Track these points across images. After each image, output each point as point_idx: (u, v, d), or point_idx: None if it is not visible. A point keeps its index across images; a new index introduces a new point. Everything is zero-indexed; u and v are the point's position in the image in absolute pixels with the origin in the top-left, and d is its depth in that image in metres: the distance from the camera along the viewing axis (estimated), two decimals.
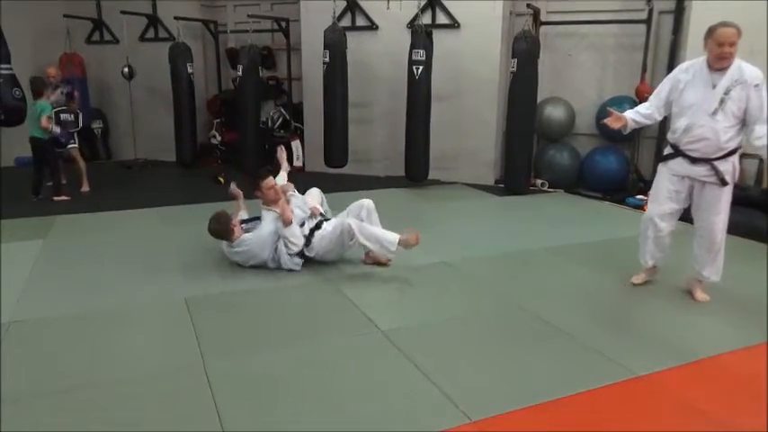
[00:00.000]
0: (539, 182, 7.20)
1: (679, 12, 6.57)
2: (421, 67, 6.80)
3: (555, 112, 7.20)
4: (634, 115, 3.67)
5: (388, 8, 7.35)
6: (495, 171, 7.54)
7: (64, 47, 8.59)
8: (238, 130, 8.17)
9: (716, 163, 3.40)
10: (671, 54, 6.63)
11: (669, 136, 3.61)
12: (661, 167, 3.67)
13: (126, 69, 8.41)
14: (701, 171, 3.45)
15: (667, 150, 3.62)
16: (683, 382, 2.74)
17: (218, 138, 8.82)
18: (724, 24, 3.29)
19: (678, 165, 3.53)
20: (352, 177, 7.46)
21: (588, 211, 6.27)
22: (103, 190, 6.96)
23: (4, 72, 6.90)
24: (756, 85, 3.26)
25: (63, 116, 6.60)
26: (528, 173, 7.10)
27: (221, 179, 7.42)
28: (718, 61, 3.31)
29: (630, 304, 3.71)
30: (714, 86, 3.32)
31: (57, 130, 6.36)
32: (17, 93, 6.94)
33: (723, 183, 3.42)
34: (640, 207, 5.95)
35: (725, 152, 3.38)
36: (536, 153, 7.34)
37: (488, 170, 7.48)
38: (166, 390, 2.64)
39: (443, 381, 2.70)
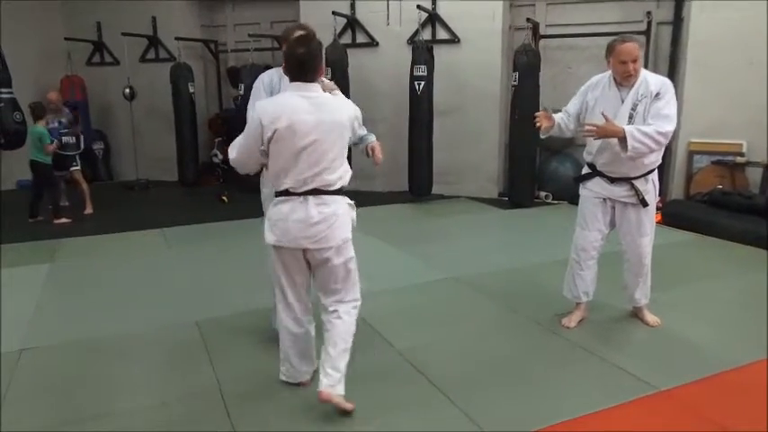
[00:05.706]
0: (542, 194, 7.19)
1: (677, 23, 6.63)
2: (423, 83, 6.85)
3: None
4: (560, 120, 3.46)
5: (387, 24, 7.42)
6: (498, 184, 7.54)
7: (65, 69, 8.62)
8: None
9: (635, 182, 3.24)
10: (671, 65, 6.68)
11: (585, 156, 3.45)
12: (582, 190, 3.46)
13: (127, 90, 8.44)
14: (620, 191, 3.29)
15: (585, 170, 3.46)
16: (704, 396, 2.72)
17: (220, 156, 8.80)
18: (624, 40, 3.13)
19: (597, 185, 3.36)
20: (355, 194, 7.39)
21: None
22: (107, 211, 6.94)
23: (4, 96, 6.93)
24: (657, 94, 3.10)
25: (65, 139, 6.60)
26: (532, 185, 7.11)
27: (225, 198, 7.42)
28: (625, 78, 3.16)
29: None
30: (623, 102, 3.17)
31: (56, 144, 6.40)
32: (18, 116, 6.96)
33: (643, 204, 3.26)
34: None
35: (644, 171, 3.24)
36: (539, 165, 7.36)
37: (492, 183, 7.49)
38: (184, 419, 2.60)
39: (463, 399, 2.67)
